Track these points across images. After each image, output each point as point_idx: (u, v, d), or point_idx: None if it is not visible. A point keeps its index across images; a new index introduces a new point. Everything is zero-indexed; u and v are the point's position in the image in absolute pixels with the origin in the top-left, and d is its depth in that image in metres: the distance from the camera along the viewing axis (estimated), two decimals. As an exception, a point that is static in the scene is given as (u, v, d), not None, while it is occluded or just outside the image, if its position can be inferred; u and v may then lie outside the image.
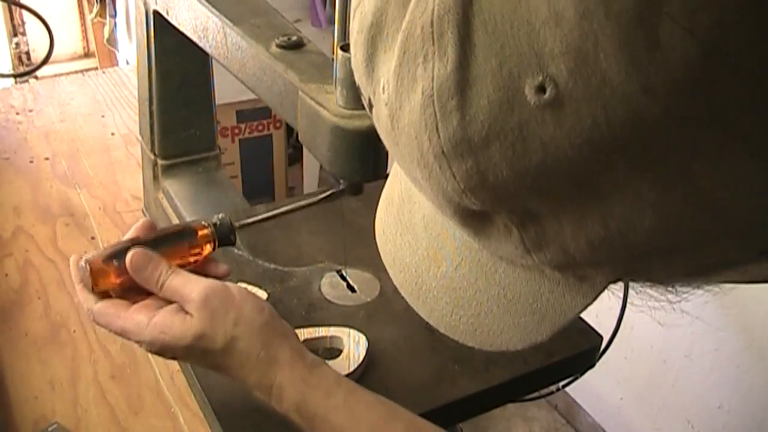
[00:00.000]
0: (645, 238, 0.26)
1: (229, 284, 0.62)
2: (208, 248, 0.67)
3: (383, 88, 0.29)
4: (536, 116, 0.24)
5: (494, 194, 0.27)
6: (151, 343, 0.59)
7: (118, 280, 0.63)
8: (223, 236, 0.67)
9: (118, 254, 0.62)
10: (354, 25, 0.31)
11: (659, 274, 0.30)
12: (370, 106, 0.32)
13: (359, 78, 0.32)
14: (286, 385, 0.57)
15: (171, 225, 0.69)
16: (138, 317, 0.59)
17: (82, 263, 0.63)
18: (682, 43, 0.22)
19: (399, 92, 0.28)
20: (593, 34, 0.22)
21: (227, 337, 0.58)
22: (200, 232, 0.66)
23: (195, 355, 0.59)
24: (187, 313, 0.59)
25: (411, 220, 0.38)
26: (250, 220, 0.72)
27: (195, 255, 0.66)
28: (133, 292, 0.63)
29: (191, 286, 0.60)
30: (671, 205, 0.25)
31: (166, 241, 0.64)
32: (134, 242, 0.64)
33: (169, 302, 0.61)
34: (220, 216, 0.67)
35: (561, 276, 0.32)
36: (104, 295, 0.63)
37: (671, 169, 0.24)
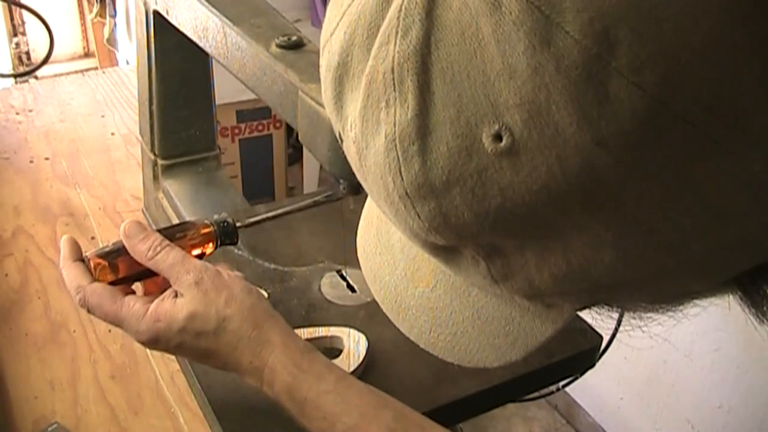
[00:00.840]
0: (606, 273, 0.27)
1: (219, 267, 0.61)
2: (210, 247, 0.67)
3: (351, 126, 0.30)
4: (494, 163, 0.25)
5: (457, 233, 0.28)
6: (145, 332, 0.58)
7: (115, 277, 0.63)
8: (225, 236, 0.67)
9: (116, 252, 0.62)
10: (322, 62, 0.32)
11: (624, 303, 0.31)
12: (341, 139, 0.33)
13: (329, 113, 0.33)
14: (279, 367, 0.57)
15: (174, 223, 0.68)
16: (136, 306, 0.59)
17: (86, 254, 0.62)
18: (630, 97, 0.22)
19: (365, 133, 0.29)
20: (545, 88, 0.23)
21: (219, 316, 0.57)
22: (202, 231, 0.66)
23: (188, 340, 0.58)
24: (178, 295, 0.59)
25: (389, 241, 0.39)
26: (251, 220, 0.72)
27: (196, 253, 0.66)
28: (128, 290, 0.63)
29: (184, 266, 0.59)
30: (628, 244, 0.26)
31: (169, 238, 0.64)
32: None
33: (160, 294, 0.61)
34: (223, 215, 0.67)
35: (530, 303, 0.33)
36: None
37: (626, 212, 0.25)
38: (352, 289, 0.79)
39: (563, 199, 0.25)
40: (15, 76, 2.85)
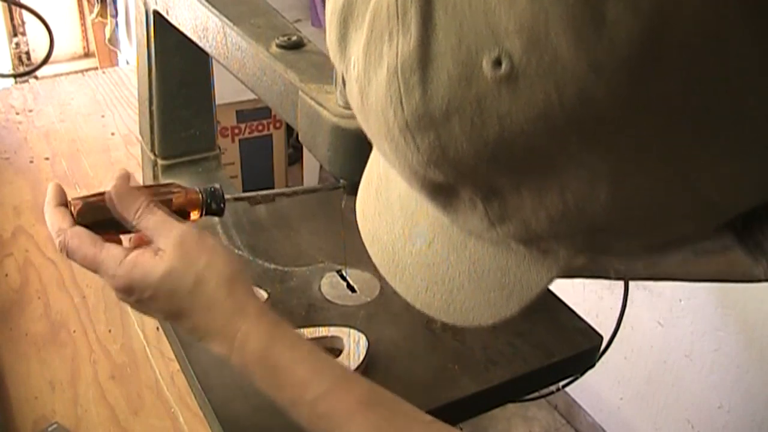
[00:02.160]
0: (602, 212, 0.27)
1: (206, 232, 0.61)
2: (194, 214, 0.66)
3: (354, 66, 0.31)
4: (493, 90, 0.25)
5: (456, 167, 0.28)
6: (122, 277, 0.58)
7: (96, 220, 0.62)
8: (212, 204, 0.66)
9: (101, 196, 0.62)
10: (328, 6, 0.33)
11: (618, 249, 0.31)
12: (344, 83, 0.33)
13: (333, 57, 0.34)
14: (252, 334, 0.57)
15: (161, 183, 0.67)
16: (114, 251, 0.59)
17: (71, 199, 0.62)
18: (626, 20, 0.22)
19: (367, 69, 0.29)
20: (544, 13, 0.23)
21: (197, 276, 0.57)
22: (190, 197, 0.65)
23: (161, 296, 0.58)
24: (159, 251, 0.58)
25: (388, 199, 0.40)
26: (240, 195, 0.71)
27: (180, 219, 0.65)
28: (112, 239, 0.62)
29: (170, 225, 0.59)
30: (624, 180, 0.26)
31: (155, 197, 0.63)
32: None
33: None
34: (214, 185, 0.66)
35: (526, 250, 0.33)
36: None
37: (622, 145, 0.25)
38: (352, 289, 0.79)
39: (561, 129, 0.25)
40: (15, 76, 2.85)
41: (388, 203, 0.40)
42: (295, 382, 0.56)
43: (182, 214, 0.65)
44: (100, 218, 0.62)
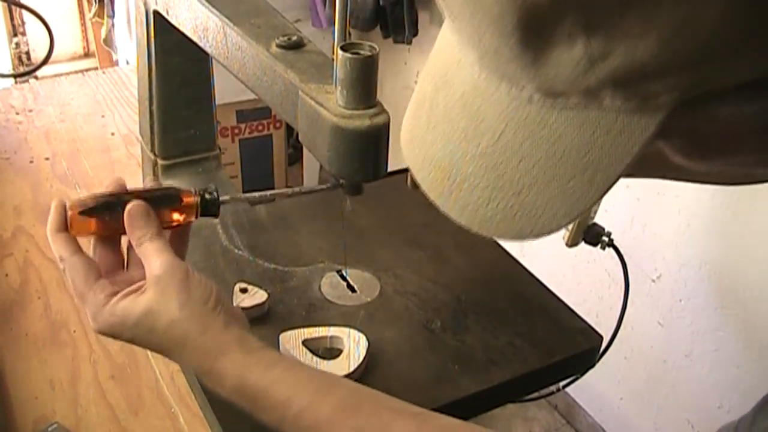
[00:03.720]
0: (712, 28, 0.26)
1: (189, 268, 0.62)
2: (190, 217, 0.66)
3: None
4: None
5: None
6: (102, 322, 0.60)
7: (95, 231, 0.63)
8: (208, 207, 0.66)
9: (101, 207, 0.63)
10: None
11: (724, 80, 0.29)
12: None
13: None
14: (227, 367, 0.58)
15: (158, 186, 0.68)
16: (100, 296, 0.60)
17: (68, 204, 0.63)
18: None
19: None
20: None
21: (170, 317, 0.58)
22: (185, 200, 0.65)
23: (140, 335, 0.60)
24: (141, 291, 0.60)
25: (446, 106, 0.37)
26: (239, 196, 0.72)
27: (176, 221, 0.65)
28: (105, 243, 0.64)
29: (158, 259, 0.60)
30: None
31: (151, 201, 0.64)
32: (118, 195, 0.64)
33: (131, 283, 0.62)
34: (209, 187, 0.66)
35: (621, 104, 0.30)
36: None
37: None
38: (352, 289, 0.79)
39: None
40: (15, 76, 2.85)
41: (447, 109, 0.37)
42: (276, 403, 0.56)
43: (179, 214, 0.65)
44: (85, 232, 0.63)
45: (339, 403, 0.55)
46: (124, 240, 0.65)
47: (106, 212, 0.63)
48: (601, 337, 0.77)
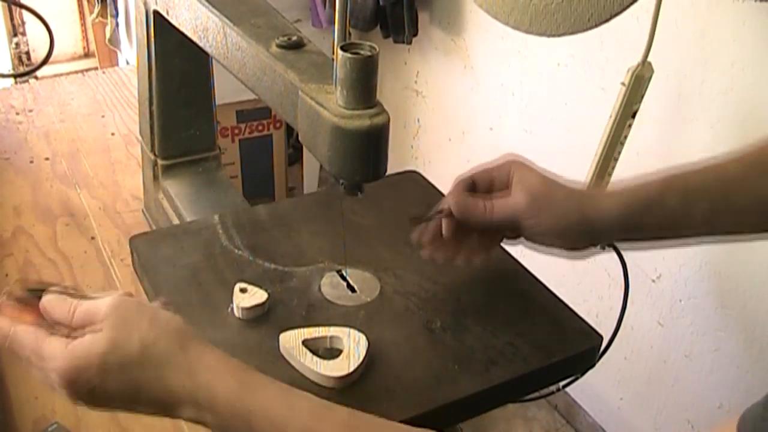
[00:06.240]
0: None
1: (140, 299, 0.58)
2: None
3: None
4: None
5: None
6: (63, 368, 0.53)
7: (32, 319, 0.57)
8: None
9: (28, 300, 0.58)
10: None
11: None
12: None
13: None
14: (218, 384, 0.53)
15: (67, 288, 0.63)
16: (55, 344, 0.53)
17: (2, 298, 0.58)
18: None
19: None
20: None
21: (142, 339, 0.53)
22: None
23: (111, 377, 0.53)
24: (96, 330, 0.54)
25: None
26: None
27: None
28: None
29: (100, 301, 0.55)
30: None
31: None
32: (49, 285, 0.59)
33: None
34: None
35: None
36: None
37: None
38: (352, 289, 0.79)
39: None
40: (15, 76, 2.85)
41: None
42: (273, 426, 0.53)
43: None
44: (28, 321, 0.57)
45: (338, 426, 0.54)
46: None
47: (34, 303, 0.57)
48: (601, 337, 0.76)
